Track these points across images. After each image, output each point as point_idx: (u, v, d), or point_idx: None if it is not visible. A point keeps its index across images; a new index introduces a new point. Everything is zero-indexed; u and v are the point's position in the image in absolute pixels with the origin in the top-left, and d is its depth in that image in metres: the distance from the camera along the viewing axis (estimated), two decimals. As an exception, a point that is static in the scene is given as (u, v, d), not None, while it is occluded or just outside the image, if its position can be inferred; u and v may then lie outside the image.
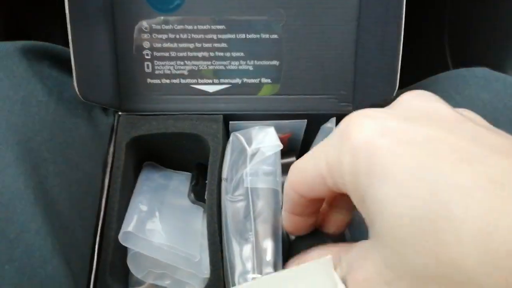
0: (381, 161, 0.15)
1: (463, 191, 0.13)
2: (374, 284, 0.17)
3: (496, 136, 0.15)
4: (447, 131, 0.15)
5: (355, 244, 0.20)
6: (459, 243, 0.13)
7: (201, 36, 0.34)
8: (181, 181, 0.38)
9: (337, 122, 0.35)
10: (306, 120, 0.36)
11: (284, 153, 0.35)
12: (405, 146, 0.15)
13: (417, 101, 0.18)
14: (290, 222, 0.24)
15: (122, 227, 0.31)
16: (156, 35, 0.34)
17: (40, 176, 0.26)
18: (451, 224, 0.13)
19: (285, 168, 0.36)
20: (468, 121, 0.16)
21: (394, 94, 0.32)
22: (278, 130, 0.35)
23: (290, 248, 0.25)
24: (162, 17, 0.34)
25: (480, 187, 0.13)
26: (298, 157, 0.40)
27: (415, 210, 0.14)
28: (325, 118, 0.35)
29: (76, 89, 0.30)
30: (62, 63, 0.33)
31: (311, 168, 0.20)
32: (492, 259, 0.13)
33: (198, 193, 0.35)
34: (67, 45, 0.30)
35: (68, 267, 0.25)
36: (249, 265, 0.29)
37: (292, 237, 0.27)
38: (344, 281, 0.19)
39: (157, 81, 0.35)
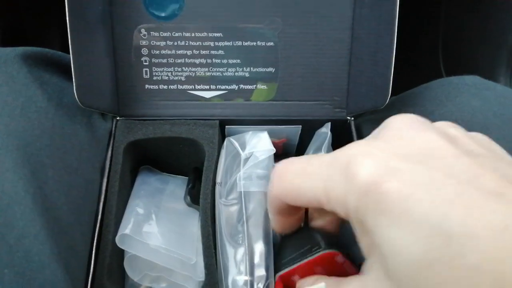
0: (391, 204, 0.16)
1: (475, 238, 0.14)
2: None
3: (490, 175, 0.16)
4: (447, 174, 0.16)
5: (351, 277, 0.20)
6: None
7: (198, 43, 0.35)
8: (177, 185, 0.38)
9: (332, 127, 0.35)
10: (300, 126, 0.37)
11: (279, 158, 0.35)
12: (414, 189, 0.16)
13: (407, 132, 0.18)
14: (276, 222, 0.24)
15: (119, 230, 0.31)
16: (154, 41, 0.35)
17: (39, 181, 0.26)
18: (467, 271, 0.14)
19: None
20: (463, 156, 0.17)
21: (386, 103, 0.33)
22: (273, 135, 0.36)
23: (280, 247, 0.26)
24: (160, 24, 0.34)
25: (489, 234, 0.14)
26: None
27: (432, 255, 0.14)
28: (319, 124, 0.36)
29: (76, 96, 0.30)
30: (62, 69, 0.33)
31: (307, 189, 0.20)
32: None
33: (194, 197, 0.35)
34: (65, 51, 0.31)
35: (66, 271, 0.25)
36: (242, 268, 0.30)
37: None
38: None
39: (155, 87, 0.36)
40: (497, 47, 0.40)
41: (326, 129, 0.35)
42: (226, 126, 0.37)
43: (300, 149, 0.39)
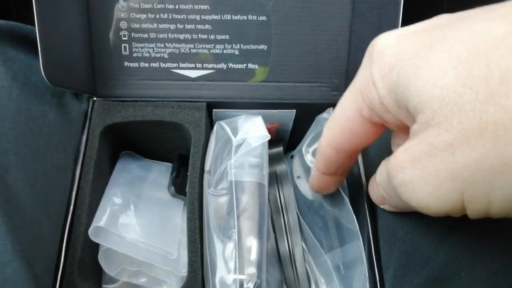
0: (406, 48, 0.18)
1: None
2: (421, 155, 0.17)
3: None
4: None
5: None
6: None
7: (183, 16, 0.31)
8: (161, 172, 0.35)
9: (328, 112, 0.33)
10: (295, 111, 0.34)
11: (271, 143, 0.32)
12: (425, 32, 0.18)
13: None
14: (320, 182, 0.25)
15: (93, 222, 0.28)
16: (134, 14, 0.31)
17: (0, 169, 0.23)
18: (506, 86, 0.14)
19: (272, 159, 0.34)
20: None
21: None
22: (265, 120, 0.33)
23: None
24: (141, -5, 0.31)
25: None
26: (286, 147, 0.38)
27: (472, 72, 0.15)
28: (315, 108, 0.33)
29: (43, 73, 0.27)
30: (31, 45, 0.30)
31: (347, 108, 0.21)
32: None
33: (178, 186, 0.33)
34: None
35: (30, 269, 0.22)
36: (231, 265, 0.27)
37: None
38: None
39: (135, 64, 0.32)
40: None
41: (327, 115, 0.32)
42: (214, 110, 0.34)
43: (294, 135, 0.36)
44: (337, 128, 0.22)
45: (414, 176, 0.17)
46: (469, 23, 0.16)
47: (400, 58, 0.18)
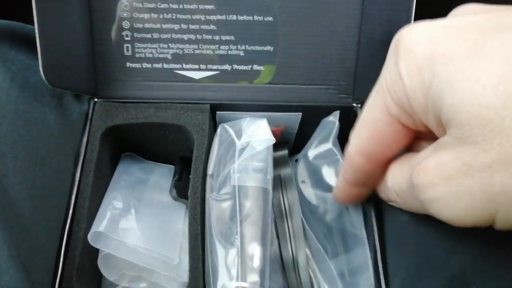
0: (440, 49, 0.16)
1: None
2: (451, 173, 0.16)
3: None
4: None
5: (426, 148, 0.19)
6: None
7: (187, 16, 0.31)
8: (162, 175, 0.35)
9: (341, 116, 0.32)
10: (301, 114, 0.33)
11: (275, 146, 0.32)
12: (459, 34, 0.16)
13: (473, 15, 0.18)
14: (347, 194, 0.24)
15: (93, 227, 0.28)
16: (137, 13, 0.31)
17: None
18: None
19: (276, 163, 0.33)
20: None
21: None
22: (270, 123, 0.32)
23: None
24: (144, -6, 0.30)
25: None
26: (291, 150, 0.37)
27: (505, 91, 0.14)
28: (322, 111, 0.32)
29: (42, 74, 0.26)
30: (32, 45, 0.29)
31: (375, 109, 0.20)
32: None
33: (181, 189, 0.32)
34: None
35: (28, 276, 0.22)
36: (233, 272, 0.26)
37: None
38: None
39: (137, 65, 0.32)
40: None
41: (333, 118, 0.31)
42: (217, 112, 0.33)
43: (300, 138, 0.36)
44: (365, 132, 0.21)
45: (447, 193, 0.16)
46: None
47: (433, 61, 0.17)
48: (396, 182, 0.21)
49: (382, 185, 0.24)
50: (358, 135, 0.21)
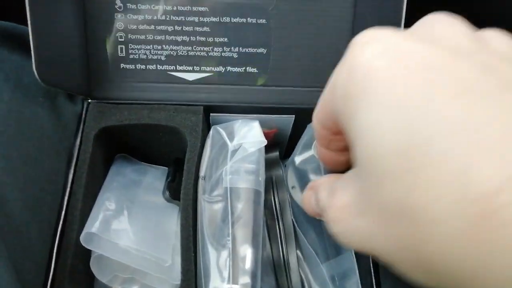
0: (373, 84, 0.14)
1: (450, 127, 0.12)
2: (348, 213, 0.16)
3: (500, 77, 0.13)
4: (455, 59, 0.13)
5: (346, 173, 0.19)
6: (433, 183, 0.12)
7: (181, 18, 0.31)
8: (156, 177, 0.35)
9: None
10: (294, 116, 0.33)
11: (267, 148, 0.32)
12: (402, 72, 0.14)
13: (440, 25, 0.16)
14: (323, 156, 0.23)
15: (85, 227, 0.28)
16: (131, 15, 0.31)
17: None
18: (429, 163, 0.12)
19: (268, 164, 0.33)
20: (483, 50, 0.14)
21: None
22: (263, 125, 0.32)
23: None
24: (138, -5, 0.30)
25: (471, 123, 0.12)
26: (284, 152, 0.37)
27: (397, 142, 0.13)
28: (314, 113, 0.32)
29: (36, 73, 0.26)
30: (25, 46, 0.29)
31: (325, 94, 0.19)
32: (462, 204, 0.11)
33: (174, 191, 0.32)
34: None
35: (17, 277, 0.22)
36: (225, 274, 0.26)
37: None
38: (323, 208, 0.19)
39: (131, 66, 0.32)
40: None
41: None
42: (211, 114, 0.33)
43: (293, 140, 0.36)
44: (318, 109, 0.21)
45: (344, 232, 0.17)
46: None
47: (364, 87, 0.15)
48: (321, 204, 0.21)
49: (313, 203, 0.23)
50: (318, 104, 0.21)
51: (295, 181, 0.32)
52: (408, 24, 0.28)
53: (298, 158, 0.31)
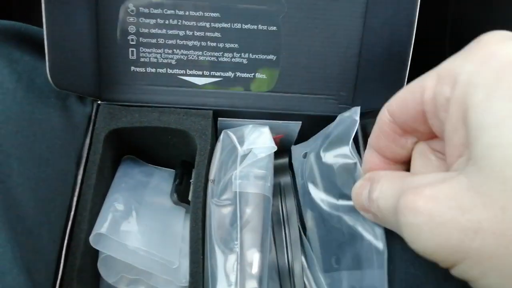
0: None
1: None
2: (444, 205, 0.16)
3: None
4: None
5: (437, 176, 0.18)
6: None
7: (192, 23, 0.31)
8: (162, 178, 0.35)
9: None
10: (300, 122, 0.34)
11: (275, 153, 0.32)
12: None
13: None
14: (370, 161, 0.24)
15: (94, 228, 0.28)
16: (143, 19, 0.31)
17: (2, 174, 0.23)
18: None
19: (276, 170, 0.34)
20: None
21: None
22: (269, 130, 0.32)
23: None
24: (151, 0, 0.30)
25: None
26: (290, 157, 0.38)
27: None
28: (321, 120, 0.33)
29: (49, 76, 0.27)
30: (37, 46, 0.29)
31: (417, 80, 0.19)
32: None
33: (181, 194, 0.32)
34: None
35: (30, 277, 0.22)
36: (232, 278, 0.27)
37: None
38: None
39: (141, 69, 0.32)
40: None
41: (354, 115, 0.28)
42: (219, 119, 0.33)
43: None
44: (399, 94, 0.21)
45: (426, 225, 0.16)
46: None
47: (501, 77, 0.15)
48: (383, 196, 0.21)
49: (365, 195, 0.23)
50: (395, 95, 0.21)
51: (317, 177, 0.29)
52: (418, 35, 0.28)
53: (326, 152, 0.28)
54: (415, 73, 0.27)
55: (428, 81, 0.19)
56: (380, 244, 0.25)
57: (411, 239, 0.17)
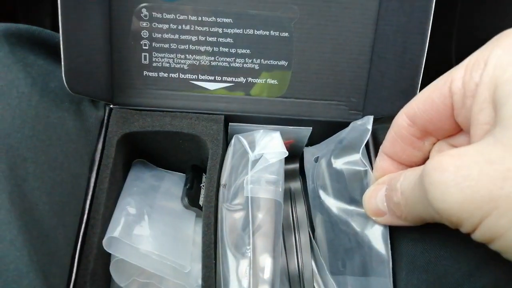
0: None
1: None
2: (469, 160, 0.16)
3: None
4: None
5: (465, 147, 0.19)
6: None
7: (205, 28, 0.31)
8: (173, 182, 0.35)
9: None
10: (311, 128, 0.34)
11: (286, 159, 0.32)
12: None
13: None
14: (382, 168, 0.24)
15: (107, 232, 0.28)
16: (156, 24, 0.31)
17: (18, 178, 0.23)
18: None
19: (287, 176, 0.34)
20: None
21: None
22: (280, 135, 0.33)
23: None
24: (163, 5, 0.31)
25: None
26: (300, 163, 0.38)
27: None
28: (332, 126, 0.33)
29: (64, 81, 0.27)
30: (50, 50, 0.29)
31: (440, 79, 0.20)
32: None
33: (192, 198, 0.32)
34: (56, 29, 0.27)
35: (45, 281, 0.22)
36: (244, 283, 0.27)
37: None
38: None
39: (154, 74, 0.32)
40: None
41: (367, 125, 0.29)
42: (230, 124, 0.33)
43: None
44: (421, 96, 0.22)
45: (452, 181, 0.17)
46: None
47: None
48: (407, 182, 0.21)
49: (380, 196, 0.24)
50: (414, 99, 0.22)
51: (327, 182, 0.30)
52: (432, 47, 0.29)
53: (337, 159, 0.29)
54: (423, 81, 0.28)
55: (456, 73, 0.20)
56: (384, 252, 0.26)
57: (437, 197, 0.17)
